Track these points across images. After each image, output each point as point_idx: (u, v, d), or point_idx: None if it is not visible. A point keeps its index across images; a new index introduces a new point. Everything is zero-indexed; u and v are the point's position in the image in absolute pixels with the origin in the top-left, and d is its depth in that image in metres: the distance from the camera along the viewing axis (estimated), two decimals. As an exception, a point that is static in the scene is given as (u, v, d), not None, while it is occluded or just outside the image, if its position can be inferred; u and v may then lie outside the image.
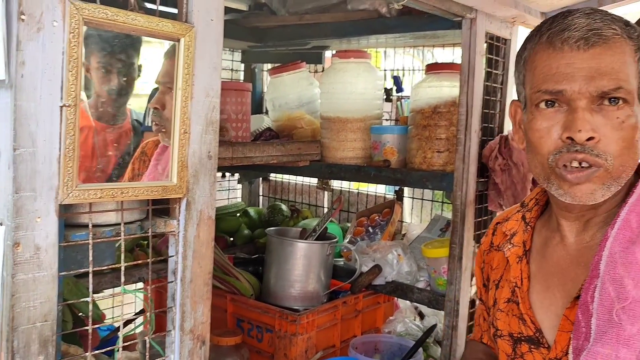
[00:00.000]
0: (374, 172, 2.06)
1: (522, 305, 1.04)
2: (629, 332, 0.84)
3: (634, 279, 0.85)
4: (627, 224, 0.90)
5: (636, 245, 0.87)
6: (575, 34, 0.90)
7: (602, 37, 0.89)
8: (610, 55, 0.89)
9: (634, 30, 0.92)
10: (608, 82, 0.88)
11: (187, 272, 1.01)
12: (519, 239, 1.09)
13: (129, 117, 1.39)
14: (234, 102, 2.02)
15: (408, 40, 2.26)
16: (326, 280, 2.08)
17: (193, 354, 1.03)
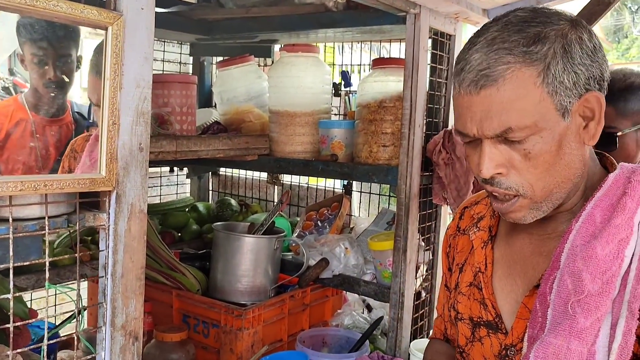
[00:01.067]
0: (321, 167, 2.06)
1: (485, 290, 1.06)
2: (582, 325, 0.85)
3: (591, 273, 0.86)
4: (590, 218, 0.91)
5: (597, 240, 0.87)
6: (468, 77, 0.90)
7: (490, 77, 0.87)
8: (500, 95, 0.87)
9: (540, 46, 0.87)
10: (497, 125, 0.88)
11: (117, 267, 0.99)
12: (485, 224, 1.10)
13: (69, 110, 1.35)
14: (179, 94, 1.99)
15: (355, 35, 2.26)
16: (274, 275, 2.07)
17: (125, 350, 1.01)
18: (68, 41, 1.18)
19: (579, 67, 0.89)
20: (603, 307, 0.85)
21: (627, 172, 0.94)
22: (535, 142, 0.89)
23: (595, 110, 0.92)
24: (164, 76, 2.08)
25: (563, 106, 0.89)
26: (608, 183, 0.93)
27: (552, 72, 0.87)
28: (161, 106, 1.98)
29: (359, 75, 2.67)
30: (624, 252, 0.86)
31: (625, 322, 0.84)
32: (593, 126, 0.93)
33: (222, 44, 2.59)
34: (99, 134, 0.96)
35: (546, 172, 0.91)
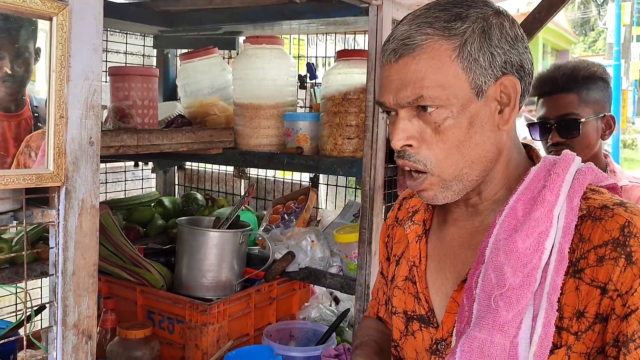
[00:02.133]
0: (287, 160, 2.05)
1: (418, 284, 1.06)
2: (504, 318, 0.87)
3: (512, 267, 0.88)
4: (513, 212, 0.92)
5: (518, 234, 0.89)
6: (390, 47, 0.92)
7: (408, 47, 0.90)
8: (415, 64, 0.90)
9: (460, 24, 0.90)
10: (410, 92, 0.90)
11: (68, 265, 0.96)
12: (420, 217, 1.11)
13: (28, 105, 1.31)
14: (140, 87, 1.96)
15: (320, 27, 2.25)
16: (239, 269, 2.06)
17: (78, 349, 0.99)
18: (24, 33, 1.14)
19: (496, 49, 0.91)
20: (524, 299, 0.86)
21: (548, 165, 0.96)
22: (445, 115, 0.91)
23: (511, 95, 0.93)
24: (124, 69, 2.04)
25: (478, 85, 0.90)
26: (530, 176, 0.95)
27: (468, 49, 0.89)
28: (122, 99, 1.95)
29: (327, 66, 2.67)
30: (544, 244, 0.87)
31: (545, 314, 0.86)
32: (507, 112, 0.94)
33: (186, 36, 2.55)
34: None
35: (455, 148, 0.92)
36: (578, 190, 0.91)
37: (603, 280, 0.85)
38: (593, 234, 0.87)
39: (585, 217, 0.90)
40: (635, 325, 0.81)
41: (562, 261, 0.86)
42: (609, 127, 1.77)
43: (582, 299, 0.86)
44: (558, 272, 0.86)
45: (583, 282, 0.87)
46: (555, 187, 0.91)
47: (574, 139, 1.72)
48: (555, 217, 0.89)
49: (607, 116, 1.76)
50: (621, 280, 0.83)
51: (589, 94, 1.73)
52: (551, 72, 1.78)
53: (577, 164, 0.95)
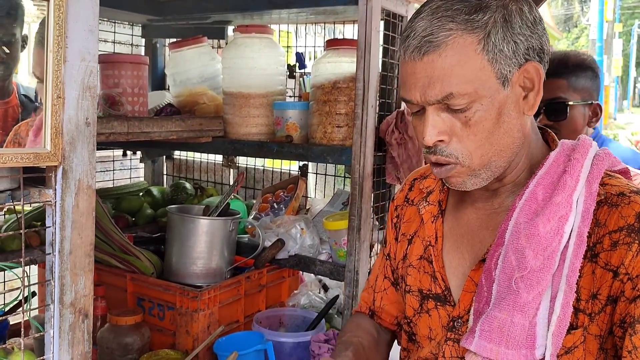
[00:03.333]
0: (276, 148, 2.07)
1: (435, 263, 1.08)
2: (524, 299, 0.90)
3: (534, 250, 0.90)
4: (533, 196, 0.95)
5: (539, 218, 0.91)
6: (412, 43, 0.92)
7: (433, 43, 0.90)
8: (441, 61, 0.90)
9: (481, 15, 0.90)
10: (439, 90, 0.91)
11: (65, 244, 0.97)
12: (435, 198, 1.12)
13: (15, 93, 1.31)
14: (130, 75, 1.96)
15: (309, 16, 2.27)
16: (229, 257, 2.07)
17: (75, 328, 1.00)
18: (11, 20, 1.14)
19: (519, 36, 0.91)
20: (544, 282, 0.90)
21: (568, 150, 0.98)
22: (475, 109, 0.92)
23: (535, 80, 0.95)
24: (114, 56, 2.04)
25: (503, 75, 0.91)
26: (550, 161, 0.97)
27: (492, 40, 0.90)
28: (112, 87, 1.95)
29: (313, 59, 2.68)
30: (563, 228, 0.90)
31: (564, 296, 0.89)
32: (532, 96, 0.96)
33: (175, 25, 2.55)
34: (42, 114, 0.94)
35: (486, 139, 0.94)
36: (597, 175, 0.93)
37: (615, 264, 0.88)
38: (609, 220, 0.90)
39: (602, 203, 0.92)
40: None
41: (581, 245, 0.89)
42: (596, 115, 1.82)
43: (597, 282, 0.90)
44: (577, 255, 0.89)
45: (598, 265, 0.90)
46: (575, 172, 0.93)
47: (562, 122, 1.77)
48: (575, 202, 0.91)
49: (594, 104, 1.81)
50: (633, 264, 0.86)
51: (577, 81, 1.78)
52: None
53: (594, 149, 0.98)
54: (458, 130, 0.93)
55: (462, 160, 0.95)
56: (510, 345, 0.90)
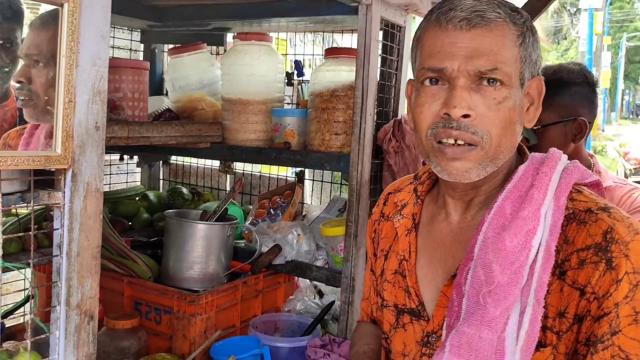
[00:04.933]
0: (274, 154, 2.09)
1: (408, 278, 1.07)
2: (492, 314, 0.89)
3: (500, 265, 0.90)
4: (501, 210, 0.94)
5: (506, 232, 0.91)
6: (460, 14, 0.92)
7: (484, 19, 0.92)
8: (491, 37, 0.92)
9: (520, 16, 0.95)
10: (485, 62, 0.91)
11: (73, 246, 0.99)
12: (409, 211, 1.12)
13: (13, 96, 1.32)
14: (131, 80, 1.97)
15: (309, 25, 2.29)
16: (226, 262, 2.08)
17: (80, 329, 1.01)
18: (12, 24, 1.15)
19: (538, 51, 0.98)
20: (511, 296, 0.89)
21: (536, 164, 0.98)
22: (506, 94, 0.93)
23: (536, 96, 0.99)
24: (115, 61, 2.05)
25: (523, 77, 0.95)
26: (518, 175, 0.97)
27: (526, 41, 0.95)
28: (112, 91, 1.96)
29: (310, 67, 2.71)
30: (531, 242, 0.89)
31: (532, 310, 0.88)
32: (532, 110, 0.99)
33: (175, 31, 2.57)
34: (38, 119, 0.95)
35: (505, 130, 0.94)
36: (565, 189, 0.93)
37: (583, 283, 0.87)
38: (577, 237, 0.90)
39: (570, 219, 0.92)
40: (606, 327, 0.84)
41: (549, 259, 0.89)
42: (580, 131, 1.78)
43: (564, 300, 0.89)
44: (545, 269, 0.89)
45: (566, 283, 0.89)
46: (543, 185, 0.93)
47: (535, 145, 1.75)
48: (543, 216, 0.91)
49: (578, 120, 1.77)
50: (599, 284, 0.86)
51: (553, 99, 1.73)
52: None
53: (563, 162, 0.98)
54: (485, 110, 0.93)
55: (484, 143, 0.93)
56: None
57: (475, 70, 0.92)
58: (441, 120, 0.94)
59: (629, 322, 0.83)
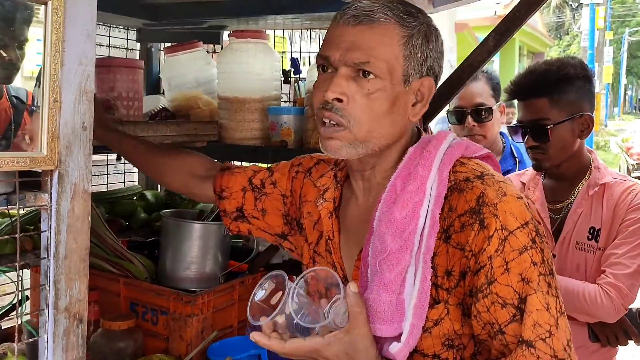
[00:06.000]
0: (271, 153, 2.07)
1: (334, 255, 1.20)
2: (387, 278, 1.02)
3: (392, 235, 1.03)
4: (393, 188, 1.07)
5: (395, 206, 1.04)
6: (351, 12, 1.04)
7: (368, 18, 1.03)
8: (371, 34, 1.03)
9: (413, 20, 1.05)
10: (360, 55, 1.02)
11: (60, 248, 0.97)
12: (330, 195, 1.22)
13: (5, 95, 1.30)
14: (125, 79, 1.96)
15: (305, 22, 2.27)
16: (224, 261, 2.07)
17: (69, 332, 1.00)
18: (22, 23, 1.13)
19: (430, 52, 1.07)
20: (403, 261, 1.02)
21: (423, 144, 1.10)
22: (379, 86, 1.04)
23: (425, 94, 1.10)
24: (109, 60, 2.04)
25: (407, 74, 1.06)
26: (407, 155, 1.09)
27: (413, 42, 1.05)
28: (107, 91, 1.94)
29: (308, 65, 2.69)
30: (418, 212, 1.02)
31: (422, 272, 1.01)
32: (419, 107, 1.10)
33: (171, 29, 2.55)
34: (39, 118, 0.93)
35: (376, 117, 1.05)
36: (447, 164, 1.05)
37: (463, 243, 1.00)
38: (458, 204, 1.02)
39: (453, 189, 1.04)
40: (483, 278, 0.97)
41: (434, 225, 1.01)
42: (587, 127, 1.78)
43: (450, 260, 1.02)
44: (431, 234, 1.01)
45: (450, 245, 1.02)
46: (427, 162, 1.05)
47: (546, 143, 1.75)
48: (429, 189, 1.03)
49: (584, 116, 1.77)
50: (475, 242, 0.98)
51: (561, 97, 1.73)
52: (521, 78, 1.81)
53: (448, 141, 1.10)
54: (358, 98, 1.03)
55: (352, 126, 1.04)
56: (382, 320, 1.02)
57: (350, 62, 1.03)
58: (322, 102, 1.07)
59: (502, 271, 0.96)
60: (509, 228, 0.97)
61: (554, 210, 1.86)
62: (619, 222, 1.73)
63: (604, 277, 1.69)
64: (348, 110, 1.04)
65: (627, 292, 1.66)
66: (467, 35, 14.78)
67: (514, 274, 0.96)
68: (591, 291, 1.68)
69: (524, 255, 0.96)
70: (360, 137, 1.06)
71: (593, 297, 1.67)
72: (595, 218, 1.77)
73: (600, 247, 1.75)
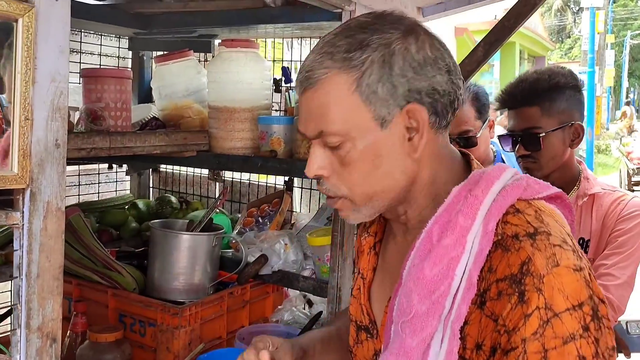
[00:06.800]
0: (261, 163, 2.06)
1: (362, 296, 1.07)
2: (409, 344, 0.87)
3: (419, 294, 0.87)
4: (429, 235, 0.90)
5: (426, 261, 0.88)
6: (298, 78, 0.93)
7: (310, 80, 0.89)
8: (316, 99, 0.90)
9: (361, 52, 0.87)
10: (313, 127, 0.91)
11: (33, 267, 0.96)
12: (373, 229, 1.10)
13: None
14: (113, 90, 1.95)
15: (295, 31, 2.27)
16: (212, 272, 2.06)
17: (42, 352, 0.98)
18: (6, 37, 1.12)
19: (398, 78, 0.87)
20: (428, 327, 0.86)
21: (471, 184, 0.91)
22: (349, 149, 0.89)
23: (419, 122, 0.90)
24: (97, 70, 2.03)
25: (381, 116, 0.89)
26: (450, 197, 0.91)
27: (367, 82, 0.87)
28: (94, 101, 1.93)
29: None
30: (454, 271, 0.85)
31: (448, 342, 0.85)
32: (417, 139, 0.91)
33: (161, 38, 2.55)
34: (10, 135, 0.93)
35: (363, 179, 0.91)
36: (496, 212, 0.87)
37: (497, 314, 0.83)
38: (499, 266, 0.84)
39: (498, 245, 0.86)
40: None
41: (470, 289, 0.85)
42: (577, 136, 1.77)
43: (482, 331, 0.85)
44: (464, 299, 0.85)
45: (484, 314, 0.85)
46: (471, 210, 0.87)
47: (538, 152, 1.74)
48: (470, 243, 0.86)
49: (574, 125, 1.76)
50: (510, 317, 0.81)
51: (552, 106, 1.73)
52: (513, 87, 1.80)
53: (503, 181, 0.90)
54: (337, 168, 0.92)
55: (345, 194, 0.93)
56: None
57: (310, 136, 0.92)
58: None
59: (538, 359, 0.79)
60: (555, 309, 0.79)
61: None
62: (608, 232, 1.71)
63: None
64: (333, 182, 0.93)
65: (617, 304, 1.64)
66: (467, 39, 14.76)
67: None
68: None
69: (568, 345, 0.79)
70: (359, 201, 0.94)
71: None
72: (585, 229, 1.76)
73: (589, 257, 1.74)
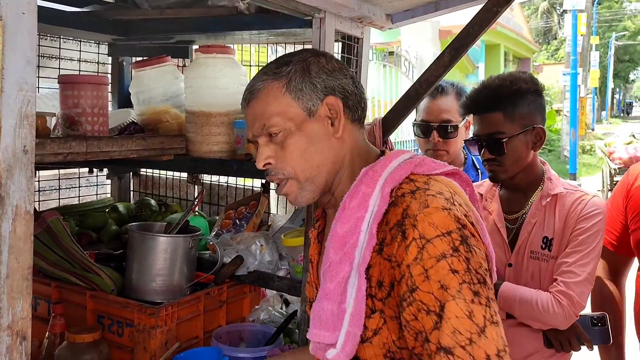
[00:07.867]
0: (236, 166, 2.10)
1: (312, 275, 1.34)
2: (329, 287, 1.10)
3: (334, 247, 1.12)
4: (343, 206, 1.14)
5: (338, 222, 1.13)
6: (243, 97, 1.22)
7: (252, 93, 1.20)
8: (257, 104, 1.18)
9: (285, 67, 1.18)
10: (258, 124, 1.18)
11: (2, 268, 1.00)
12: (318, 223, 1.37)
13: None
14: (90, 95, 1.98)
15: (269, 38, 2.32)
16: (189, 273, 2.10)
17: (12, 350, 1.03)
18: None
19: (316, 79, 1.18)
20: (342, 272, 1.09)
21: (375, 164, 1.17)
22: (285, 135, 1.17)
23: (337, 110, 1.19)
24: (73, 77, 2.07)
25: (308, 107, 1.17)
26: (359, 176, 1.16)
27: (293, 84, 1.17)
28: (71, 107, 1.97)
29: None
30: (360, 227, 1.09)
31: (357, 282, 1.08)
32: (337, 123, 1.19)
33: (141, 44, 2.59)
34: None
35: (300, 157, 1.17)
36: (390, 182, 1.12)
37: (390, 255, 1.06)
38: (391, 218, 1.08)
39: (391, 204, 1.10)
40: (405, 286, 1.02)
41: (371, 239, 1.08)
42: (539, 139, 1.83)
43: (382, 272, 1.07)
44: (367, 247, 1.08)
45: (382, 258, 1.08)
46: (372, 181, 1.12)
47: (502, 155, 1.80)
48: (372, 206, 1.10)
49: (536, 128, 1.82)
50: (398, 253, 1.04)
51: (515, 110, 1.79)
52: (476, 93, 1.85)
53: (400, 160, 1.16)
54: (279, 154, 1.17)
55: (290, 175, 1.18)
56: (324, 327, 1.10)
57: (257, 133, 1.19)
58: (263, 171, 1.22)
59: (422, 279, 1.00)
60: (427, 237, 1.01)
61: (510, 221, 1.91)
62: (569, 231, 1.78)
63: (556, 285, 1.73)
64: (279, 166, 1.18)
65: (578, 300, 1.71)
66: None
67: (434, 281, 0.99)
68: (543, 299, 1.73)
69: (441, 262, 0.99)
70: (302, 177, 1.18)
71: (545, 305, 1.71)
72: (548, 228, 1.82)
73: (553, 255, 1.80)
